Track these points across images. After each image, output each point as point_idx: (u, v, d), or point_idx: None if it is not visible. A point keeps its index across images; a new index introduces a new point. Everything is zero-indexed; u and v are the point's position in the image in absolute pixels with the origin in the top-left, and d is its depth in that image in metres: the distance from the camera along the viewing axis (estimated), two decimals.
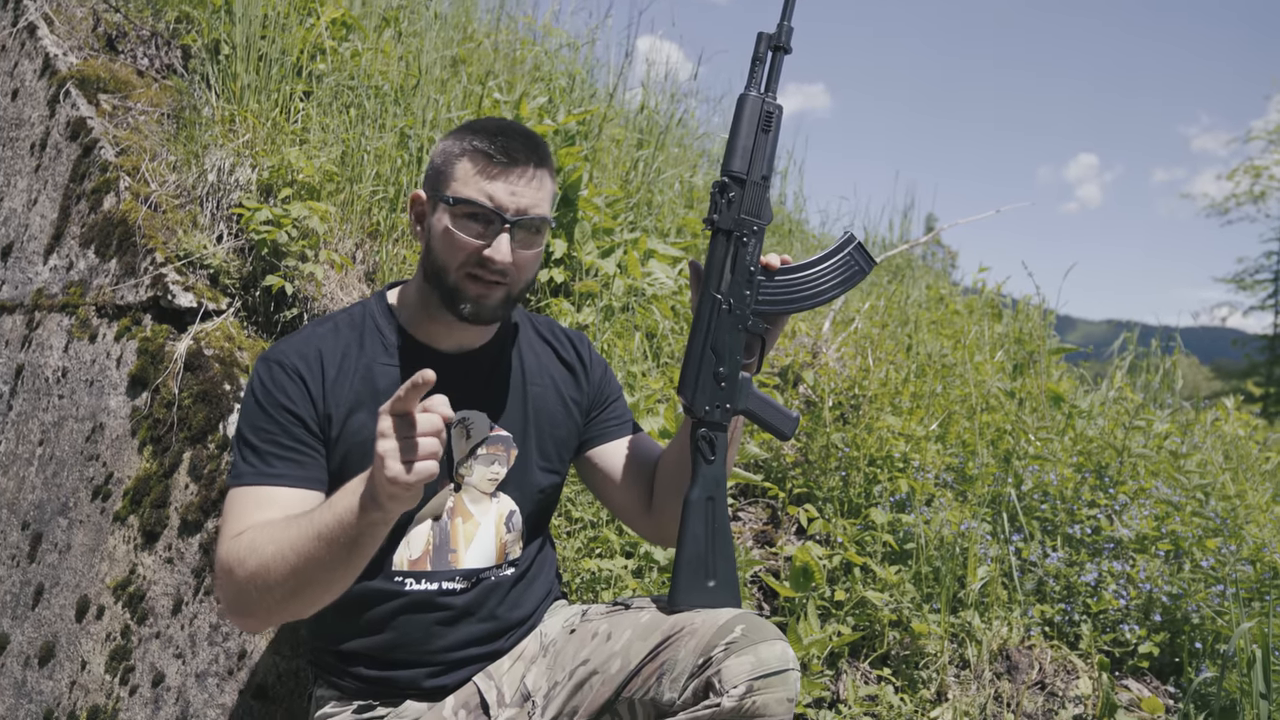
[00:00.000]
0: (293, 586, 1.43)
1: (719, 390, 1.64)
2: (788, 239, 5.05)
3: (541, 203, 1.60)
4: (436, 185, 1.62)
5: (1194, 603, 2.32)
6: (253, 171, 2.85)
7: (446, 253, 1.59)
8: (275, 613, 1.49)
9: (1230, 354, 22.38)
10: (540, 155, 1.61)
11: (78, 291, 2.84)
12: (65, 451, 2.68)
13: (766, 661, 1.44)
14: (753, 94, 1.62)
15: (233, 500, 1.55)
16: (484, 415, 1.70)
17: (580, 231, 3.23)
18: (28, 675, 2.53)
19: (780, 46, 1.63)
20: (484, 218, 1.57)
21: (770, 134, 1.63)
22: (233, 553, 1.47)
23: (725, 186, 1.62)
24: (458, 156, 1.60)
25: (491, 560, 1.70)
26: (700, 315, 1.64)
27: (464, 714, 1.68)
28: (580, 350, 1.85)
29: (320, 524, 1.40)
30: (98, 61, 3.33)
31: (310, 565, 1.41)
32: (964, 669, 2.20)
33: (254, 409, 1.58)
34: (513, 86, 3.84)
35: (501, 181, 1.57)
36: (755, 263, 1.64)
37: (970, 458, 2.80)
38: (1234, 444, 3.54)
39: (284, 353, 1.61)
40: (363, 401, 1.62)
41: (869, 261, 1.70)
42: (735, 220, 1.62)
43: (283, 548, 1.42)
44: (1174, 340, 4.33)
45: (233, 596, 1.48)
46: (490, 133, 1.59)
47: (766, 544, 2.56)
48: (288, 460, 1.56)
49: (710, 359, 1.64)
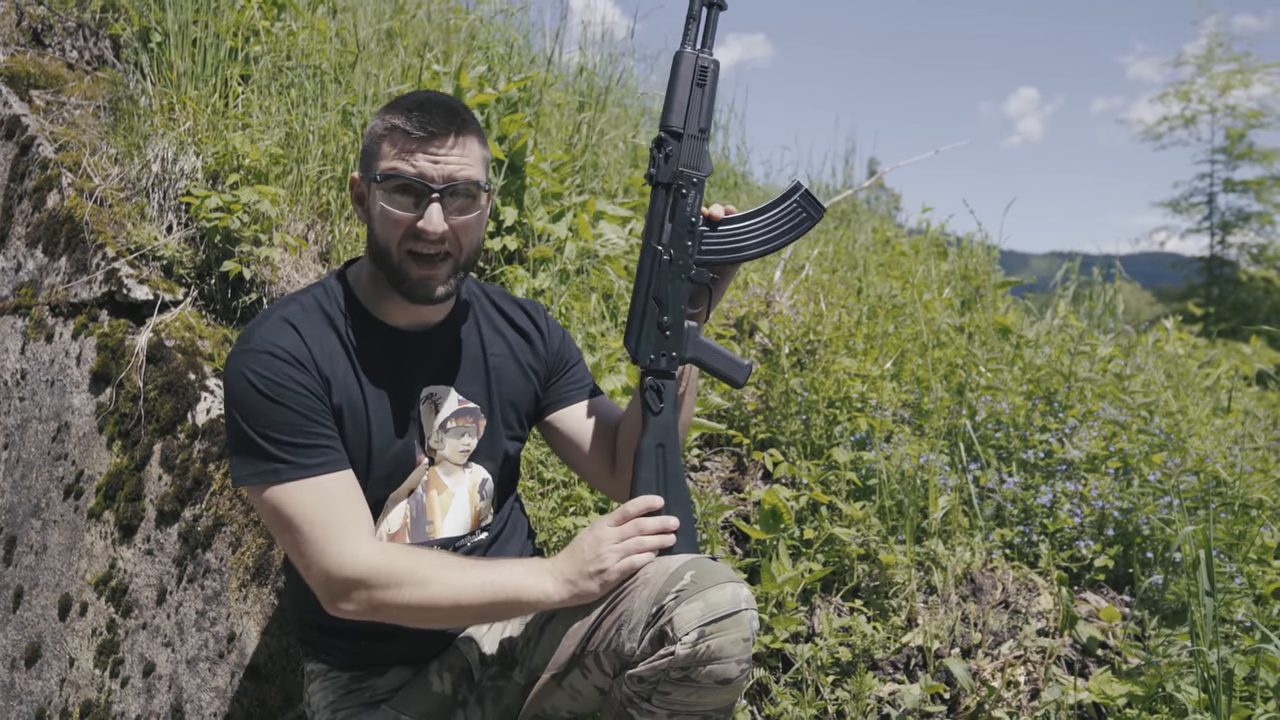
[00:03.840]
0: (442, 621, 1.60)
1: (664, 339, 1.67)
2: (734, 192, 5.10)
3: (468, 167, 1.60)
4: (368, 166, 1.63)
5: (1144, 515, 2.43)
6: (197, 159, 2.84)
7: (384, 231, 1.60)
8: (394, 620, 1.58)
9: (1170, 277, 22.86)
10: (461, 121, 1.61)
11: (29, 292, 2.82)
12: (32, 453, 2.68)
13: (716, 605, 1.46)
14: (688, 50, 1.65)
15: (282, 500, 1.53)
16: (450, 389, 1.73)
17: (529, 198, 3.26)
18: (15, 677, 2.54)
19: (714, 3, 1.66)
20: (413, 190, 1.58)
21: (706, 88, 1.66)
22: (372, 567, 1.52)
23: (663, 141, 1.65)
24: (381, 136, 1.60)
25: (467, 528, 1.75)
26: (642, 267, 1.67)
27: (448, 677, 1.73)
28: (536, 318, 1.87)
29: (506, 594, 1.55)
30: (25, 57, 3.28)
31: (477, 618, 1.62)
32: (931, 595, 2.30)
33: (260, 403, 1.53)
34: (449, 57, 3.83)
35: (422, 153, 1.57)
36: (696, 214, 1.67)
37: (925, 393, 2.89)
38: (1174, 363, 3.67)
39: (269, 341, 1.57)
40: (336, 378, 1.63)
41: (817, 209, 1.73)
42: (673, 173, 1.65)
43: (459, 598, 1.54)
44: (1114, 267, 4.46)
45: (362, 602, 1.53)
46: (408, 108, 1.59)
47: (735, 490, 2.64)
48: (319, 447, 1.56)
49: (653, 309, 1.67)
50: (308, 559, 1.52)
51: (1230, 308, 19.17)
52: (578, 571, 1.56)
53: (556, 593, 1.56)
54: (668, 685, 1.49)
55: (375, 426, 1.64)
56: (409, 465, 1.69)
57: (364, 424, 1.63)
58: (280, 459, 1.53)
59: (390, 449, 1.66)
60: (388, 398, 1.66)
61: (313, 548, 1.52)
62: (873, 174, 6.37)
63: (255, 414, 1.53)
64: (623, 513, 1.61)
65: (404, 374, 1.68)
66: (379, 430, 1.64)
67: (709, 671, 1.46)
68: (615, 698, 1.58)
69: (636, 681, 1.51)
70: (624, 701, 1.55)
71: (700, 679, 1.46)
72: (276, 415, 1.53)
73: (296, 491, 1.52)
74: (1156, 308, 18.15)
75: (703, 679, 1.46)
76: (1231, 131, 20.53)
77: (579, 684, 1.63)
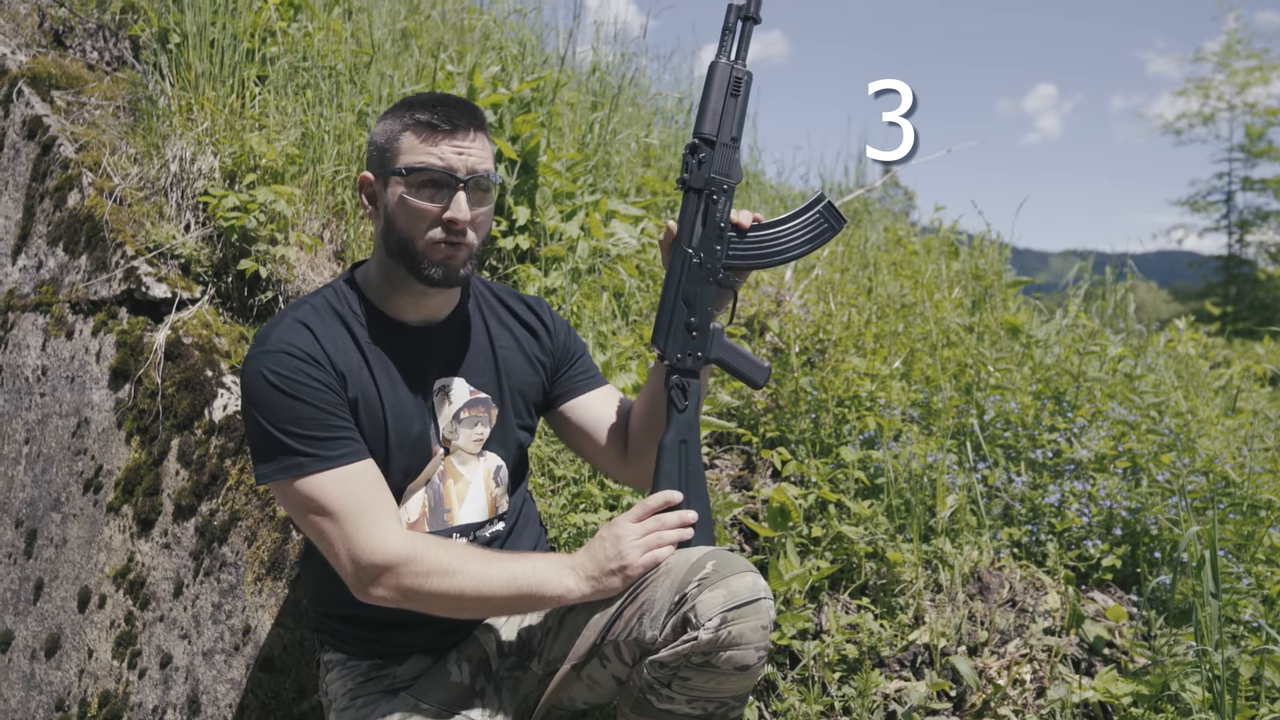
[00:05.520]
0: (467, 611, 1.64)
1: (690, 339, 1.72)
2: (745, 191, 5.11)
3: (486, 160, 1.67)
4: (384, 162, 1.66)
5: (1151, 515, 2.44)
6: (215, 159, 2.88)
7: (408, 223, 1.63)
8: (422, 608, 1.62)
9: (1188, 276, 22.72)
10: (478, 119, 1.68)
11: (50, 290, 2.87)
12: (52, 448, 2.73)
13: (738, 593, 1.51)
14: (723, 61, 1.69)
15: (309, 492, 1.57)
16: (462, 380, 1.77)
17: (541, 197, 3.28)
18: (35, 668, 2.59)
19: (749, 16, 1.70)
20: (439, 181, 1.62)
21: (739, 98, 1.70)
22: (403, 553, 1.56)
23: (696, 148, 1.69)
24: (400, 131, 1.65)
25: (485, 514, 1.78)
26: (673, 269, 1.72)
27: (466, 666, 1.76)
28: (540, 313, 1.92)
29: (530, 588, 1.60)
30: (47, 58, 3.32)
31: (501, 610, 1.68)
32: (938, 593, 2.31)
33: (280, 400, 1.57)
34: (463, 57, 3.86)
35: (448, 144, 1.63)
36: (725, 219, 1.71)
37: (934, 392, 2.90)
38: (1185, 363, 3.67)
39: (284, 340, 1.61)
40: (351, 373, 1.66)
41: (839, 220, 1.77)
42: (706, 179, 1.69)
43: (483, 590, 1.58)
44: (1127, 266, 4.45)
45: (392, 588, 1.57)
46: (428, 104, 1.65)
47: (744, 488, 2.66)
48: (340, 439, 1.60)
49: (682, 310, 1.71)
50: (337, 547, 1.56)
51: (1249, 307, 19.04)
52: (600, 568, 1.61)
53: (578, 588, 1.61)
54: (688, 670, 1.53)
55: (391, 419, 1.68)
56: (425, 456, 1.73)
57: (380, 417, 1.67)
58: (304, 452, 1.56)
59: (407, 440, 1.70)
60: (402, 391, 1.70)
61: (343, 535, 1.56)
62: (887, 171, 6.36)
63: (275, 411, 1.57)
64: (644, 507, 1.66)
65: (416, 367, 1.73)
66: (395, 423, 1.68)
67: (729, 657, 1.50)
68: (634, 685, 1.62)
69: (657, 667, 1.56)
70: (643, 688, 1.59)
71: (720, 664, 1.51)
72: (297, 410, 1.57)
73: (322, 482, 1.56)
74: (1173, 306, 18.05)
75: (723, 664, 1.51)
76: (1250, 129, 20.38)
77: (597, 674, 1.66)
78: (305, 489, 1.57)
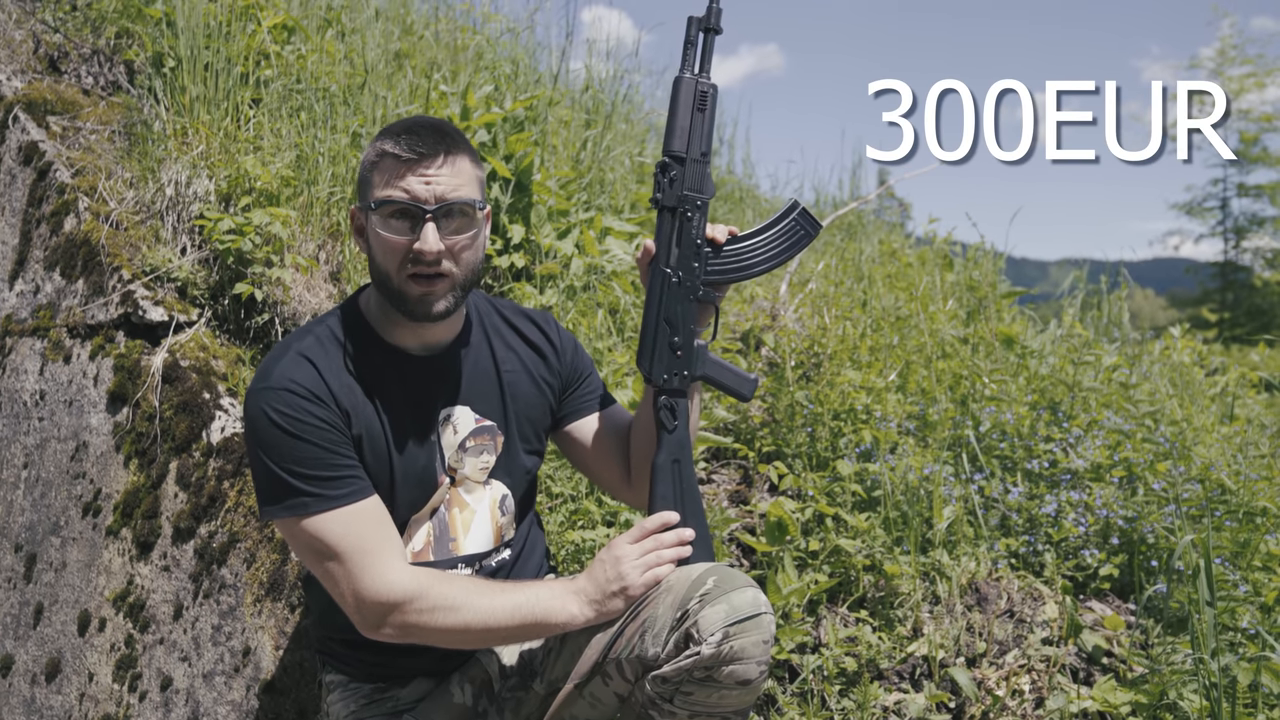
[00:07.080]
0: (472, 643, 1.67)
1: (675, 359, 1.72)
2: (739, 206, 5.14)
3: (461, 186, 1.61)
4: (364, 195, 1.65)
5: (1148, 524, 2.44)
6: (210, 182, 2.90)
7: (384, 257, 1.61)
8: (427, 642, 1.64)
9: (1184, 282, 22.74)
10: (450, 142, 1.62)
11: (47, 314, 2.88)
12: (51, 472, 2.73)
13: (739, 608, 1.52)
14: (687, 76, 1.69)
15: (312, 532, 1.57)
16: (467, 408, 1.76)
17: (536, 215, 3.30)
18: (36, 692, 2.59)
19: (710, 29, 1.71)
20: (407, 213, 1.59)
21: (706, 113, 1.70)
22: (406, 591, 1.57)
23: (666, 166, 1.69)
24: (373, 164, 1.63)
25: (490, 543, 1.78)
26: (652, 289, 1.72)
27: (469, 688, 1.77)
28: (548, 331, 1.89)
29: (534, 617, 1.62)
30: (43, 84, 3.34)
31: (506, 640, 1.68)
32: (936, 604, 2.32)
33: (283, 440, 1.56)
34: (457, 77, 3.88)
35: (413, 175, 1.59)
36: (701, 235, 1.71)
37: (929, 404, 2.91)
38: (1180, 371, 3.68)
39: (286, 377, 1.60)
40: (355, 408, 1.65)
41: (814, 225, 1.78)
42: (678, 197, 1.70)
43: (488, 622, 1.60)
44: (1121, 275, 4.47)
45: (397, 626, 1.59)
46: (396, 133, 1.62)
47: (741, 503, 2.67)
48: (344, 478, 1.59)
49: (664, 330, 1.72)
50: (342, 586, 1.57)
51: (1245, 313, 19.06)
52: (601, 591, 1.62)
53: (581, 614, 1.62)
54: (690, 685, 1.54)
55: (396, 452, 1.67)
56: (431, 487, 1.72)
57: (385, 451, 1.66)
58: (307, 492, 1.56)
59: (412, 473, 1.69)
60: (406, 422, 1.69)
61: (347, 575, 1.57)
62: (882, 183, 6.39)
63: (279, 450, 1.56)
64: (641, 529, 1.67)
65: (420, 398, 1.71)
66: (400, 455, 1.68)
67: (731, 672, 1.52)
68: (636, 701, 1.63)
69: (660, 682, 1.56)
70: (645, 704, 1.60)
71: (722, 679, 1.52)
72: (300, 450, 1.56)
73: (326, 522, 1.57)
74: (1170, 313, 18.08)
75: (725, 679, 1.52)
76: (1245, 135, 20.44)
77: (600, 691, 1.67)
78: (310, 529, 1.57)
